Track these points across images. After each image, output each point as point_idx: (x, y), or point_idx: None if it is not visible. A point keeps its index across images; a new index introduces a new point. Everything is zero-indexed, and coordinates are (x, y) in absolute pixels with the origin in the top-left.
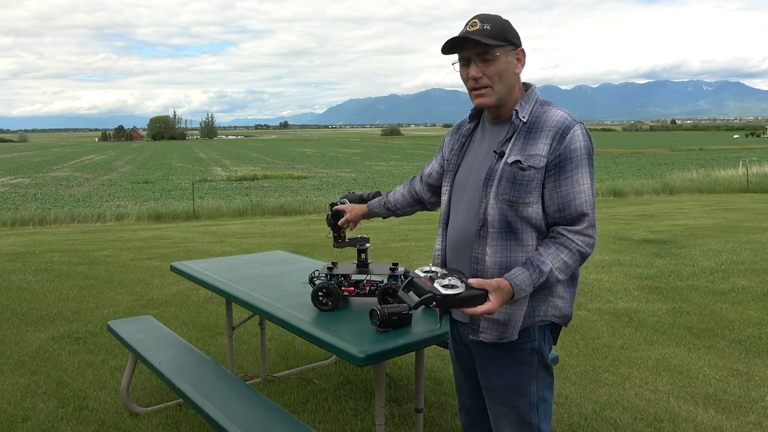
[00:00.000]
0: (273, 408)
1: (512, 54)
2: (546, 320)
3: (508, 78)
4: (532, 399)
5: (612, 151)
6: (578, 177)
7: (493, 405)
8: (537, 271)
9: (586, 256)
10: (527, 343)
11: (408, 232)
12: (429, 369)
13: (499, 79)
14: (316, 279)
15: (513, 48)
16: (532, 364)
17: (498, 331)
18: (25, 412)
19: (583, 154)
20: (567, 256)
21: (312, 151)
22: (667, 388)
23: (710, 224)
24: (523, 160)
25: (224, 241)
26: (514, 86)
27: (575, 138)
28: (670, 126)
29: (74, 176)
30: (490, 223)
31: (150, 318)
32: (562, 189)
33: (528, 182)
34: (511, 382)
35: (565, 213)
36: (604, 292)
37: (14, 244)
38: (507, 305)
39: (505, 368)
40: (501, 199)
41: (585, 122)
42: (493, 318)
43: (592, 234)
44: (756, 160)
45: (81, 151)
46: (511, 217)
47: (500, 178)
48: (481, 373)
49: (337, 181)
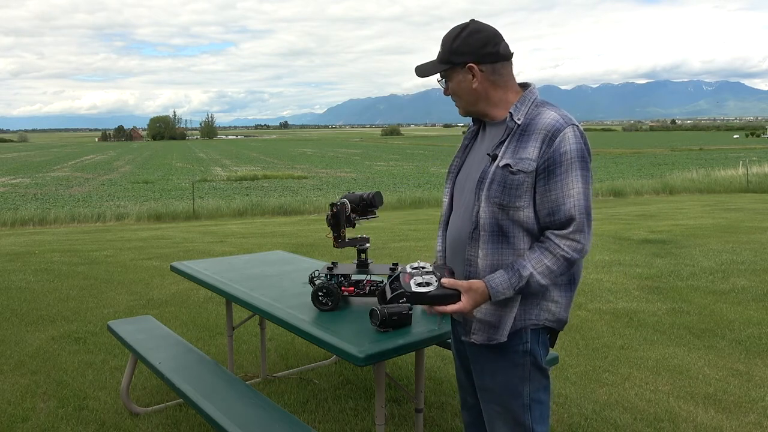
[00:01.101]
0: (273, 408)
1: (461, 72)
2: (539, 324)
3: (465, 94)
4: (525, 401)
5: (612, 151)
6: (568, 181)
7: (487, 405)
8: (516, 275)
9: (572, 261)
10: (519, 345)
11: (408, 232)
12: (429, 369)
13: (457, 96)
14: (316, 279)
15: (462, 66)
16: (524, 366)
17: (488, 333)
18: (25, 412)
19: (573, 157)
20: (550, 261)
21: (312, 151)
22: (667, 388)
23: (710, 224)
24: (513, 163)
25: (224, 241)
26: (480, 99)
27: (565, 141)
28: (670, 126)
29: (74, 176)
30: (482, 226)
31: (150, 318)
32: (552, 193)
33: (518, 186)
34: (504, 384)
35: (555, 218)
36: (604, 292)
37: (14, 244)
38: (497, 307)
39: (497, 370)
40: (492, 203)
41: (585, 122)
42: (484, 320)
43: (580, 239)
44: (756, 160)
45: (81, 151)
46: (503, 221)
47: (491, 181)
48: (475, 373)
49: (337, 181)
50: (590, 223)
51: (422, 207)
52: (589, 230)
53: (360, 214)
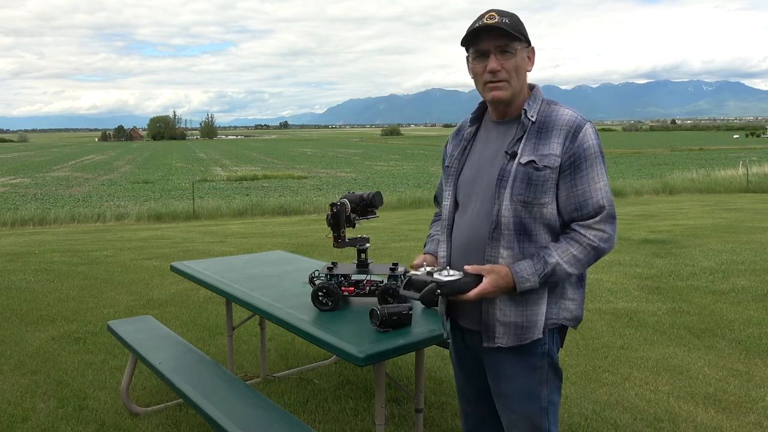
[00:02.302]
0: (273, 408)
1: (527, 51)
2: (557, 323)
3: (522, 74)
4: (543, 404)
5: (612, 151)
6: (593, 175)
7: (504, 411)
8: (542, 262)
9: (600, 251)
10: (538, 347)
11: (408, 232)
12: (429, 369)
13: (516, 74)
14: (316, 279)
15: (527, 45)
16: (542, 368)
17: (516, 335)
18: (25, 412)
19: (596, 152)
20: (577, 250)
21: (312, 151)
22: (667, 388)
23: (710, 224)
24: (538, 160)
25: (224, 241)
26: (524, 84)
27: (587, 136)
28: (670, 126)
29: (74, 176)
30: (505, 225)
31: (150, 318)
32: (579, 188)
33: (543, 182)
34: (523, 388)
35: (583, 211)
36: (604, 292)
37: (14, 244)
38: (522, 307)
39: (516, 374)
40: (516, 200)
41: None
42: (508, 321)
43: (606, 229)
44: (756, 160)
45: (81, 151)
46: (526, 219)
47: (514, 178)
48: (492, 379)
49: (337, 181)
50: (616, 216)
51: (422, 207)
52: (616, 222)
53: (360, 214)
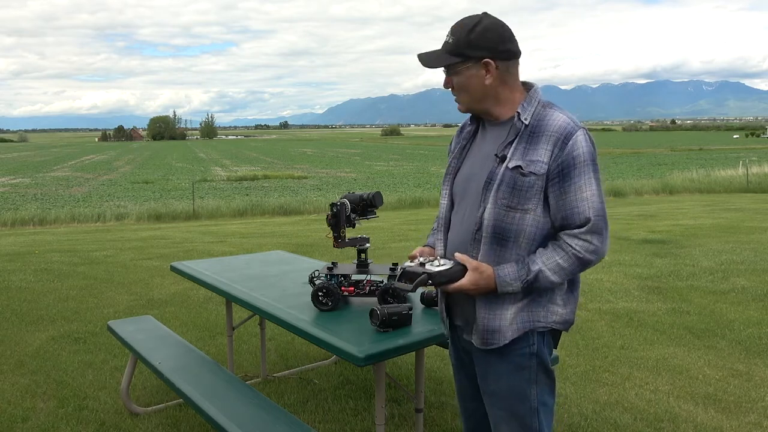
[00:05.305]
0: (273, 408)
1: (475, 67)
2: (546, 326)
3: (474, 90)
4: (533, 404)
5: (612, 151)
6: (581, 184)
7: (493, 410)
8: (525, 268)
9: (586, 261)
10: (526, 347)
11: (408, 232)
12: (429, 369)
13: (464, 91)
14: (316, 279)
15: (475, 61)
16: (531, 368)
17: (484, 337)
18: (25, 412)
19: (586, 159)
20: (562, 258)
21: (312, 151)
22: (667, 388)
23: (710, 224)
24: (525, 165)
25: (224, 241)
26: (488, 96)
27: (578, 144)
28: (670, 126)
29: (74, 176)
30: (485, 227)
31: (150, 318)
32: (567, 197)
33: (528, 188)
34: (511, 387)
35: (569, 222)
36: (604, 292)
37: (14, 244)
38: (493, 312)
39: (503, 373)
40: (499, 204)
41: (585, 122)
42: (479, 323)
43: (592, 240)
44: (756, 160)
45: (81, 151)
46: (507, 223)
47: (500, 182)
48: (480, 377)
49: (337, 181)
50: (607, 226)
51: (422, 207)
52: (606, 233)
53: (360, 214)
